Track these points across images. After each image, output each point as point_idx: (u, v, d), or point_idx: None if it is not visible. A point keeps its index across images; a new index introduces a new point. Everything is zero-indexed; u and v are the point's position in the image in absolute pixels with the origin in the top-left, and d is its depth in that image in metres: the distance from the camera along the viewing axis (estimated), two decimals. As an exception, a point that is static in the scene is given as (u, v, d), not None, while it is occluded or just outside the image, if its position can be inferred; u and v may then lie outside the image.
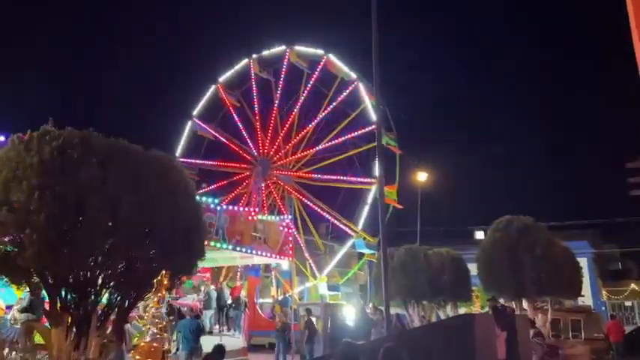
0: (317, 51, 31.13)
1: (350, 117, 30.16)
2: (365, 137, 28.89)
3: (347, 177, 29.68)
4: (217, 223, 15.98)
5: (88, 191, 6.50)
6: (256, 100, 33.04)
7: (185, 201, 7.40)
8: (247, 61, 32.66)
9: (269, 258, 18.97)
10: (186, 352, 12.27)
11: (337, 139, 30.48)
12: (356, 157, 29.89)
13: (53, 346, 6.75)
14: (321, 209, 30.39)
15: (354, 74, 29.65)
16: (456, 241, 33.03)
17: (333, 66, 30.54)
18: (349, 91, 29.92)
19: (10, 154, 6.70)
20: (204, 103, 33.39)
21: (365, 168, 28.63)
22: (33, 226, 6.23)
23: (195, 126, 33.08)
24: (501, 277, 15.07)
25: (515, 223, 15.72)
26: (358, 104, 29.72)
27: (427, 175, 27.35)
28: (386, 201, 27.55)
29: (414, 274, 17.07)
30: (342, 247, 29.91)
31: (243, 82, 33.49)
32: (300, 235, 31.12)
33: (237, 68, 33.00)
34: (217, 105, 33.62)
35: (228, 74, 33.24)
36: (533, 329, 12.79)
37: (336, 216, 29.84)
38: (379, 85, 11.48)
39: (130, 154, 7.11)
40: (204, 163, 33.31)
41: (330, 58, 30.44)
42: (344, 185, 30.26)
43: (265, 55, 32.64)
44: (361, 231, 28.08)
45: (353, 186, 29.59)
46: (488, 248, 15.77)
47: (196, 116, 33.23)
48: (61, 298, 6.89)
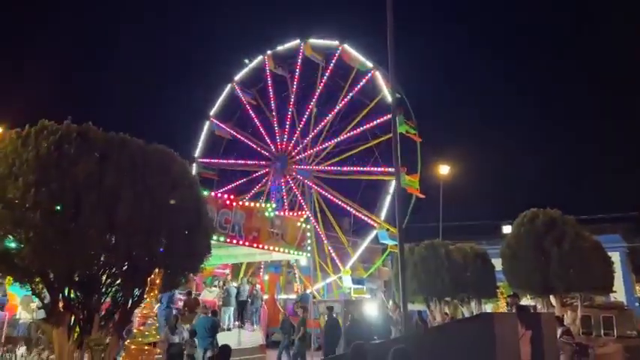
0: (332, 42, 30.72)
1: (368, 107, 29.65)
2: (384, 127, 28.32)
3: (367, 168, 29.14)
4: (233, 220, 15.81)
5: (85, 187, 6.29)
6: (272, 96, 32.85)
7: (187, 196, 7.13)
8: (262, 58, 32.49)
9: (287, 254, 18.76)
10: (201, 350, 12.12)
11: (356, 130, 30.01)
12: (375, 147, 29.36)
13: (55, 346, 6.59)
14: (342, 202, 29.99)
15: (371, 63, 29.16)
16: (482, 236, 32.30)
17: (349, 56, 30.07)
18: (366, 81, 29.43)
19: (7, 150, 6.54)
20: (220, 102, 33.38)
21: (385, 158, 28.01)
22: (29, 224, 6.06)
23: (213, 126, 33.11)
24: (527, 272, 14.39)
25: (541, 216, 15.01)
26: (376, 94, 29.22)
27: (450, 168, 26.61)
28: (408, 190, 27.08)
29: (435, 270, 16.52)
30: (364, 241, 29.44)
31: (258, 79, 33.35)
32: (320, 229, 30.87)
33: (252, 66, 32.86)
34: (234, 103, 33.60)
35: (244, 72, 33.14)
36: (561, 327, 12.15)
37: (357, 208, 29.37)
38: (394, 71, 11.00)
39: (129, 147, 6.88)
40: (222, 162, 33.29)
41: (345, 49, 29.99)
42: (364, 177, 29.71)
43: (280, 50, 32.42)
44: (384, 222, 27.51)
45: (373, 177, 29.04)
46: (513, 243, 15.10)
47: (213, 116, 33.23)
48: (64, 297, 6.73)
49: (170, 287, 7.65)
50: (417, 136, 27.86)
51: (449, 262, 16.68)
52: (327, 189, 30.84)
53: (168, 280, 7.30)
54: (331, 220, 31.22)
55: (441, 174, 25.78)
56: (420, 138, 28.00)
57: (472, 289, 17.19)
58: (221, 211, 15.49)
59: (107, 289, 6.97)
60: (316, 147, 31.53)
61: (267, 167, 32.49)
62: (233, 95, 33.23)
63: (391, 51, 10.43)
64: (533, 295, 15.34)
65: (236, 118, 33.66)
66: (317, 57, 31.17)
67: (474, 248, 18.12)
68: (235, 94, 33.11)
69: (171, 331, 11.93)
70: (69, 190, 6.25)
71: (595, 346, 14.25)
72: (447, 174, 26.18)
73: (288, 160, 32.02)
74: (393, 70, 10.81)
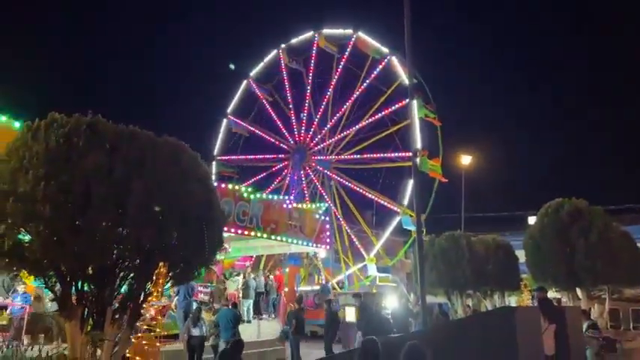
0: (346, 31, 30.39)
1: (386, 94, 29.29)
2: (402, 113, 27.93)
3: (387, 154, 28.80)
4: (251, 212, 15.78)
5: (95, 179, 6.24)
6: (288, 90, 32.68)
7: (198, 188, 7.03)
8: (276, 52, 32.33)
9: (306, 246, 18.68)
10: (224, 342, 12.14)
11: (374, 117, 29.68)
12: (395, 133, 29.00)
13: (68, 339, 6.60)
14: (363, 190, 29.72)
15: (387, 49, 28.78)
16: (507, 227, 31.70)
17: (364, 44, 29.71)
18: (382, 67, 29.06)
19: (18, 144, 6.54)
20: (237, 99, 33.36)
21: (405, 144, 27.59)
22: (39, 217, 6.04)
23: (230, 123, 33.13)
24: (551, 265, 13.98)
25: (566, 206, 14.52)
26: (393, 80, 28.87)
27: (472, 158, 26.11)
28: (430, 174, 26.69)
29: (456, 262, 16.19)
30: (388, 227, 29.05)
31: (274, 74, 33.21)
32: (341, 219, 30.70)
33: (266, 61, 32.76)
34: (251, 100, 33.54)
35: (259, 67, 33.03)
36: (587, 321, 11.75)
37: (379, 196, 29.05)
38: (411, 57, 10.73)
39: (139, 139, 6.80)
40: (241, 158, 33.31)
41: (360, 37, 29.64)
42: (385, 165, 29.38)
43: (294, 43, 32.23)
44: (407, 208, 27.14)
45: (394, 164, 28.69)
46: (536, 234, 14.67)
47: (231, 113, 33.24)
48: (77, 290, 6.72)
49: (183, 280, 7.57)
50: (437, 120, 27.43)
51: (470, 254, 16.33)
52: (348, 178, 30.62)
53: (180, 273, 7.24)
54: (353, 210, 30.94)
55: (462, 164, 25.30)
56: (439, 122, 27.57)
57: (495, 282, 16.80)
58: (239, 204, 15.48)
59: (120, 283, 6.94)
60: (335, 137, 31.33)
61: (286, 160, 32.42)
62: (249, 91, 33.16)
63: (408, 35, 10.21)
64: (558, 288, 14.90)
65: (253, 114, 33.63)
66: (331, 48, 30.94)
67: (496, 240, 17.71)
68: (251, 90, 33.03)
69: (193, 324, 11.99)
70: (78, 182, 6.21)
71: (623, 341, 13.78)
72: (469, 164, 25.69)
73: (306, 151, 31.88)
74: (410, 55, 10.56)
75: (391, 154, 28.55)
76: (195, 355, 11.78)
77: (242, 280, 17.24)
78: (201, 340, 11.89)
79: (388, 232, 28.57)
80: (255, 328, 16.02)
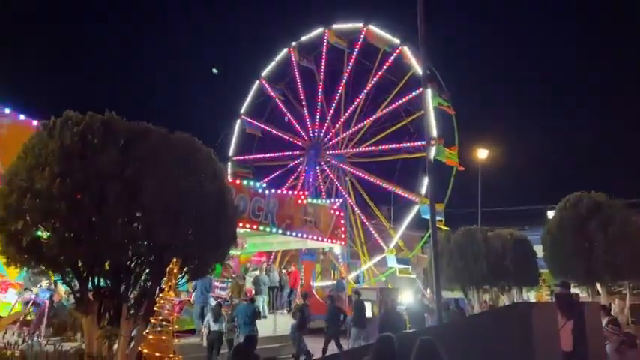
0: (356, 25, 30.24)
1: (398, 86, 29.16)
2: (417, 104, 27.75)
3: (403, 144, 28.62)
4: (266, 208, 15.85)
5: (109, 176, 6.32)
6: (301, 89, 32.66)
7: (211, 184, 7.06)
8: (287, 51, 32.33)
9: (321, 242, 18.71)
10: (243, 336, 12.30)
11: (388, 108, 29.55)
12: (410, 124, 28.87)
13: (85, 333, 6.71)
14: (380, 181, 29.60)
15: (398, 40, 28.63)
16: (526, 222, 31.34)
17: (374, 37, 29.57)
18: (394, 58, 28.91)
19: (34, 142, 6.66)
20: (250, 99, 33.45)
21: (421, 134, 27.41)
22: (56, 214, 6.14)
23: (244, 124, 33.23)
24: (569, 259, 13.77)
25: (585, 200, 14.27)
26: (405, 71, 28.72)
27: (489, 152, 25.75)
28: (447, 163, 26.51)
29: (472, 257, 16.02)
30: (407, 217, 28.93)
31: (285, 72, 33.21)
32: (356, 215, 30.64)
33: (278, 59, 32.78)
34: (263, 99, 33.58)
35: (270, 67, 33.06)
36: (607, 317, 11.54)
37: (396, 187, 28.91)
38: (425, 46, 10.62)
39: (152, 136, 6.86)
40: (256, 157, 33.40)
41: (370, 30, 29.47)
42: (401, 156, 29.22)
43: (304, 40, 32.23)
44: (424, 197, 26.98)
45: (410, 156, 28.51)
46: (554, 229, 14.45)
47: (244, 114, 33.34)
48: (93, 285, 6.82)
49: (197, 276, 7.64)
50: (451, 109, 27.23)
51: (487, 249, 16.14)
52: (363, 171, 30.55)
53: (194, 269, 7.30)
54: (370, 204, 30.83)
55: (479, 159, 25.00)
56: (453, 110, 27.36)
57: (512, 277, 16.59)
58: (254, 199, 15.56)
59: (135, 279, 7.02)
60: (349, 130, 31.28)
61: (301, 157, 32.47)
62: (262, 91, 33.24)
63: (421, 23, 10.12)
64: (576, 283, 14.68)
65: (267, 114, 33.72)
66: (341, 44, 30.94)
67: (513, 234, 17.47)
68: (264, 90, 33.10)
69: (214, 319, 12.27)
70: (93, 180, 6.29)
71: (644, 337, 13.51)
72: (485, 158, 25.36)
73: (321, 147, 31.89)
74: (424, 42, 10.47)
75: (407, 143, 28.42)
76: (214, 348, 12.04)
77: (254, 276, 17.37)
78: (219, 335, 12.14)
79: (407, 221, 28.34)
80: (271, 322, 16.12)
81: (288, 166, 32.97)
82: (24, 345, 4.71)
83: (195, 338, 13.32)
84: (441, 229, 25.74)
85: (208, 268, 7.51)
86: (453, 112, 27.43)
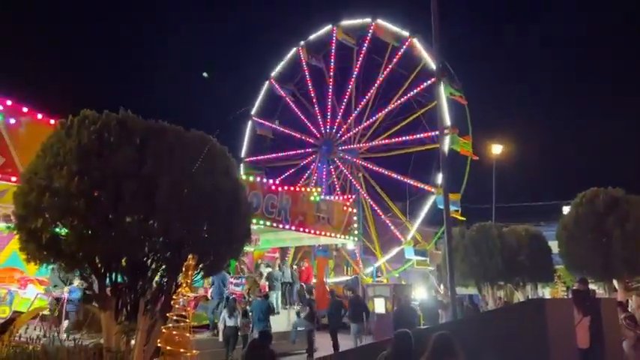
0: (364, 20, 30.18)
1: (409, 79, 29.13)
2: (428, 95, 27.66)
3: (416, 135, 28.51)
4: (279, 205, 15.93)
5: (125, 174, 6.41)
6: (311, 88, 32.70)
7: (225, 182, 7.12)
8: (296, 50, 32.39)
9: (333, 238, 18.75)
10: (257, 332, 12.46)
11: (400, 100, 29.50)
12: (422, 116, 28.78)
13: (103, 329, 6.83)
14: (393, 174, 29.53)
15: (406, 32, 28.54)
16: (541, 218, 31.07)
17: (383, 31, 29.50)
18: (403, 51, 28.86)
19: (52, 140, 6.77)
20: (260, 100, 33.56)
21: (433, 125, 27.24)
22: (74, 211, 6.25)
23: (255, 125, 33.33)
24: (586, 255, 13.61)
25: (601, 196, 14.08)
26: (416, 63, 28.62)
27: (504, 148, 25.52)
28: (461, 152, 26.40)
29: (487, 253, 15.93)
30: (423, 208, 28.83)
31: (295, 72, 33.31)
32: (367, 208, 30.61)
33: (287, 59, 32.85)
34: (274, 100, 33.70)
35: (280, 67, 33.15)
36: (624, 313, 11.40)
37: (411, 179, 28.84)
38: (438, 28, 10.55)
39: (167, 134, 6.94)
40: (269, 157, 33.50)
41: (378, 24, 29.41)
42: (414, 149, 29.11)
43: (313, 39, 32.33)
44: (440, 188, 26.88)
45: (424, 147, 28.38)
46: (570, 224, 14.29)
47: (255, 115, 33.44)
48: (111, 282, 6.94)
49: (212, 272, 7.72)
50: (463, 99, 27.06)
51: (502, 245, 16.05)
52: (377, 166, 30.53)
53: (210, 265, 7.37)
54: (385, 198, 30.74)
55: (493, 154, 24.78)
56: (465, 100, 27.22)
57: (527, 273, 16.48)
58: (267, 196, 15.65)
59: (151, 275, 7.12)
60: (361, 125, 31.25)
61: (314, 154, 32.53)
62: (272, 92, 33.32)
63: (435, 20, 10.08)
64: (593, 280, 14.52)
65: (278, 114, 33.82)
66: (349, 40, 30.94)
67: (528, 230, 17.33)
68: (274, 90, 33.17)
69: (229, 314, 12.50)
70: (110, 177, 6.38)
71: (663, 334, 13.32)
72: (500, 153, 25.14)
73: (333, 143, 31.92)
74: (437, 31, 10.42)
75: (420, 134, 28.33)
76: (230, 343, 12.25)
77: (267, 272, 17.50)
78: (235, 330, 12.36)
79: (424, 212, 28.22)
80: (284, 318, 16.22)
81: (300, 164, 33.06)
82: (45, 340, 4.82)
83: (210, 333, 13.51)
84: (457, 219, 25.75)
85: (223, 264, 7.59)
86: (465, 102, 27.32)
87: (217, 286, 13.97)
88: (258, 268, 18.53)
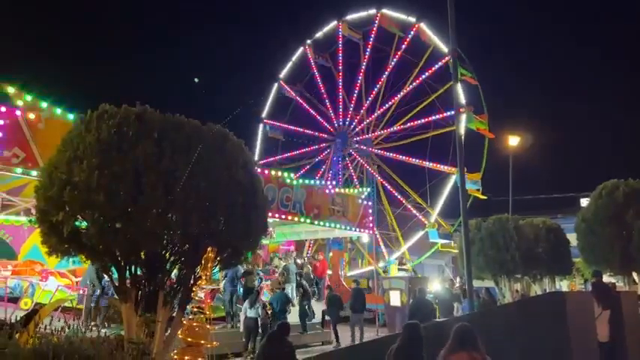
0: (369, 12, 30.06)
1: (419, 64, 28.99)
2: (440, 79, 27.59)
3: (432, 116, 28.43)
4: (294, 198, 15.98)
5: (144, 168, 6.46)
6: (320, 85, 32.78)
7: (242, 174, 7.15)
8: (303, 50, 32.44)
9: (349, 231, 18.76)
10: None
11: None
12: (436, 99, 28.76)
13: (124, 320, 6.93)
14: (411, 159, 29.48)
15: (413, 19, 28.59)
16: (559, 210, 30.76)
17: (389, 21, 29.37)
18: (412, 36, 28.76)
19: (72, 135, 6.85)
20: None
21: (448, 107, 27.21)
22: (94, 205, 6.32)
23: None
24: (605, 248, 13.44)
25: (622, 187, 13.87)
26: (425, 48, 28.55)
27: (521, 139, 25.19)
28: (478, 130, 26.32)
29: (504, 246, 15.80)
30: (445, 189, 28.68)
31: (303, 72, 33.51)
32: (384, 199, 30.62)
33: (294, 60, 32.90)
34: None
35: (288, 68, 33.29)
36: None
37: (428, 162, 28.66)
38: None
39: (185, 128, 6.97)
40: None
41: (384, 14, 29.32)
42: (430, 134, 29.28)
43: (319, 37, 32.50)
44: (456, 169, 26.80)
45: (439, 131, 28.53)
46: (590, 217, 14.11)
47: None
48: (131, 274, 7.03)
49: (230, 265, 7.78)
50: (474, 79, 27.11)
51: (518, 238, 15.91)
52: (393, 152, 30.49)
53: (227, 258, 7.42)
54: (403, 185, 30.68)
55: (510, 145, 24.48)
56: (476, 81, 27.15)
57: (544, 266, 16.33)
58: (282, 189, 15.71)
59: (171, 267, 7.20)
60: (378, 130, 31.24)
61: (328, 148, 32.67)
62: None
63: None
64: (612, 273, 14.34)
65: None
66: (354, 35, 30.94)
67: (546, 222, 17.15)
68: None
69: (250, 306, 12.76)
70: (129, 171, 6.44)
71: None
72: (517, 145, 24.82)
73: (347, 135, 31.98)
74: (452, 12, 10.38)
75: (437, 115, 28.27)
76: (251, 335, 12.47)
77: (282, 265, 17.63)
78: (255, 321, 12.61)
79: (445, 194, 28.13)
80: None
81: (315, 159, 33.21)
82: (69, 331, 4.93)
83: (229, 325, 13.70)
84: (478, 197, 25.68)
85: (241, 257, 7.62)
86: (476, 83, 27.15)
87: (230, 278, 14.15)
88: (272, 261, 18.65)
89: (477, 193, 26.18)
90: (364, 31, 31.21)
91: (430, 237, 28.23)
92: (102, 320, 11.93)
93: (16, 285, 14.07)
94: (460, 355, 4.71)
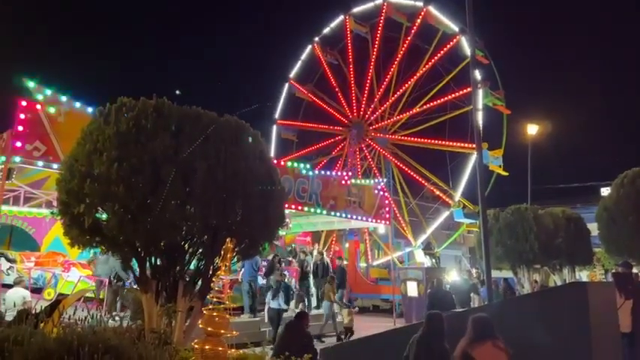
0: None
1: (430, 48, 28.67)
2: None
3: (449, 95, 28.14)
4: (310, 189, 15.99)
5: (163, 160, 6.51)
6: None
7: (259, 165, 7.17)
8: (311, 47, 32.29)
9: (365, 222, 18.73)
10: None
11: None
12: (450, 82, 28.58)
13: (145, 311, 7.03)
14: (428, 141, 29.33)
15: (420, 3, 28.12)
16: (578, 199, 30.34)
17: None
18: (420, 22, 28.47)
19: (92, 128, 6.93)
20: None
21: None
22: (114, 197, 6.39)
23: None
24: (628, 238, 13.21)
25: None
26: (434, 31, 28.26)
27: (539, 128, 24.81)
28: (494, 107, 26.08)
29: (522, 236, 15.63)
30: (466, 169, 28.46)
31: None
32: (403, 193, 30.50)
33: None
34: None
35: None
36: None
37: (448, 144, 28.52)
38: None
39: (202, 121, 7.00)
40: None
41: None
42: (447, 116, 28.88)
43: (327, 33, 32.34)
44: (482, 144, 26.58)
45: (456, 113, 28.15)
46: (611, 206, 13.87)
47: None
48: (151, 265, 7.12)
49: (248, 255, 7.82)
50: (486, 58, 27.01)
51: (538, 227, 15.71)
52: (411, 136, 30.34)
53: (245, 249, 7.47)
54: (422, 170, 30.48)
55: (529, 134, 24.13)
56: (488, 60, 26.94)
57: (564, 256, 16.13)
58: (298, 180, 15.74)
59: (189, 258, 7.27)
60: (394, 116, 31.08)
61: (344, 133, 32.65)
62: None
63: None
64: (634, 262, 14.10)
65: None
66: (361, 30, 30.74)
67: (565, 212, 16.91)
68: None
69: (273, 297, 12.93)
70: (148, 163, 6.49)
71: None
72: (536, 133, 24.45)
73: (365, 127, 31.87)
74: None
75: (454, 93, 28.06)
76: (273, 325, 12.80)
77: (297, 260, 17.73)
78: (277, 312, 12.77)
79: (467, 172, 27.87)
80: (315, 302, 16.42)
81: (332, 153, 33.26)
82: (92, 321, 5.02)
83: (246, 315, 13.84)
84: (500, 174, 25.49)
85: (259, 247, 7.66)
86: (488, 62, 26.95)
87: (249, 269, 14.26)
88: (288, 254, 18.74)
89: (498, 169, 25.97)
90: (371, 24, 31.11)
91: (455, 217, 28.03)
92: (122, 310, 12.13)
93: (39, 276, 14.39)
94: (486, 345, 4.70)
